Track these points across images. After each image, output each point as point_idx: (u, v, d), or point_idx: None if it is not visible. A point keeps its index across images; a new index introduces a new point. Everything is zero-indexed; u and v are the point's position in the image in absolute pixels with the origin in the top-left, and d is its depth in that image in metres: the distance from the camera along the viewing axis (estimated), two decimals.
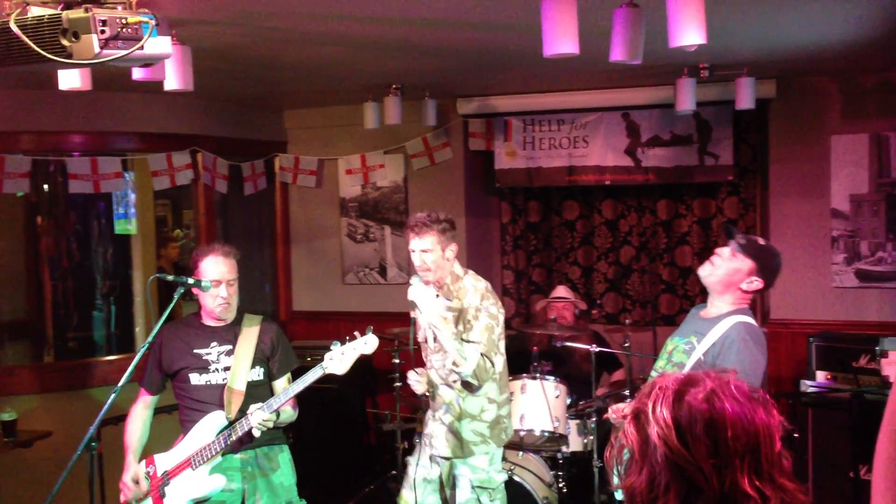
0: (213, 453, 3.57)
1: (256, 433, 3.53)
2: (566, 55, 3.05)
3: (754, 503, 1.38)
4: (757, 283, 3.24)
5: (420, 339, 4.08)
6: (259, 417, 3.51)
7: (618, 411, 3.41)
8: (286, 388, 3.63)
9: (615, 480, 1.51)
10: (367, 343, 3.61)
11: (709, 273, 3.30)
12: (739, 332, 3.16)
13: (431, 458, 3.98)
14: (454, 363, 3.72)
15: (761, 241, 3.38)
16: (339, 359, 3.58)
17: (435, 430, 3.92)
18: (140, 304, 6.24)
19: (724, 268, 3.26)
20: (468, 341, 3.72)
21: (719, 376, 1.47)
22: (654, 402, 1.44)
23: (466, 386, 3.83)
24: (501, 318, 3.86)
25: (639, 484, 1.43)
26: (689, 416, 1.41)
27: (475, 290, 3.82)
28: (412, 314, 4.07)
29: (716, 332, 3.20)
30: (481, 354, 3.69)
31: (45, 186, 6.07)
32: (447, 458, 3.91)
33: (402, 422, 5.48)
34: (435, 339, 3.89)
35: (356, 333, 3.64)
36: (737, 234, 3.33)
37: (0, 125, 5.21)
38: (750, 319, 3.25)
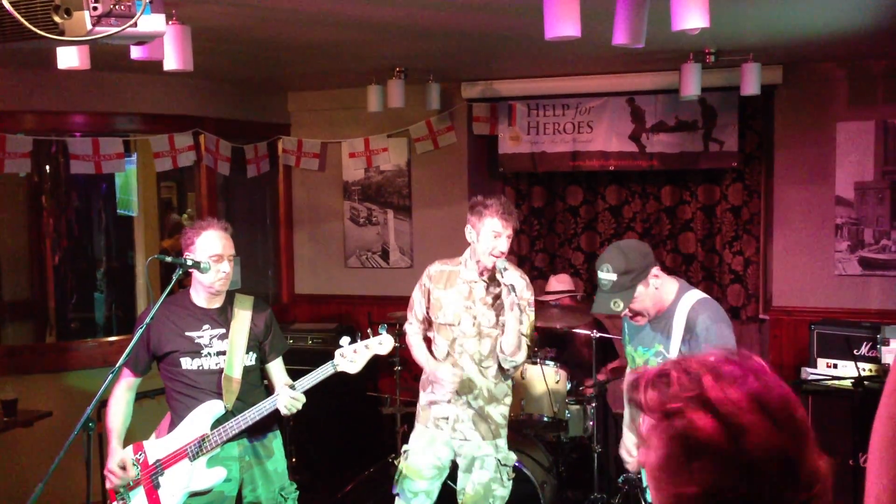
0: (214, 445, 3.49)
1: (284, 411, 3.49)
2: (568, 38, 3.02)
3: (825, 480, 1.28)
4: (652, 272, 3.20)
5: (444, 320, 3.94)
6: (288, 397, 3.47)
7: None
8: (312, 374, 3.54)
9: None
10: (381, 343, 3.57)
11: (647, 320, 3.29)
12: (703, 318, 3.14)
13: (446, 442, 3.98)
14: (503, 350, 3.80)
15: (611, 275, 3.23)
16: (352, 357, 3.53)
17: (460, 415, 3.93)
18: (142, 285, 6.25)
19: (640, 307, 3.23)
20: (523, 333, 3.82)
21: (727, 356, 1.34)
22: (713, 390, 1.25)
23: (503, 372, 3.95)
24: None
25: (726, 482, 1.23)
26: (769, 400, 1.25)
27: (527, 283, 3.89)
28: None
29: (678, 320, 3.19)
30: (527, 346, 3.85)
31: (47, 167, 6.07)
32: (468, 441, 3.93)
33: (402, 405, 5.50)
34: (473, 324, 3.89)
35: (369, 331, 3.60)
36: (605, 303, 3.24)
37: (1, 105, 5.20)
38: (698, 295, 3.25)
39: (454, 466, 4.08)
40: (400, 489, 4.05)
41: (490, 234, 3.78)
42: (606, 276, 3.20)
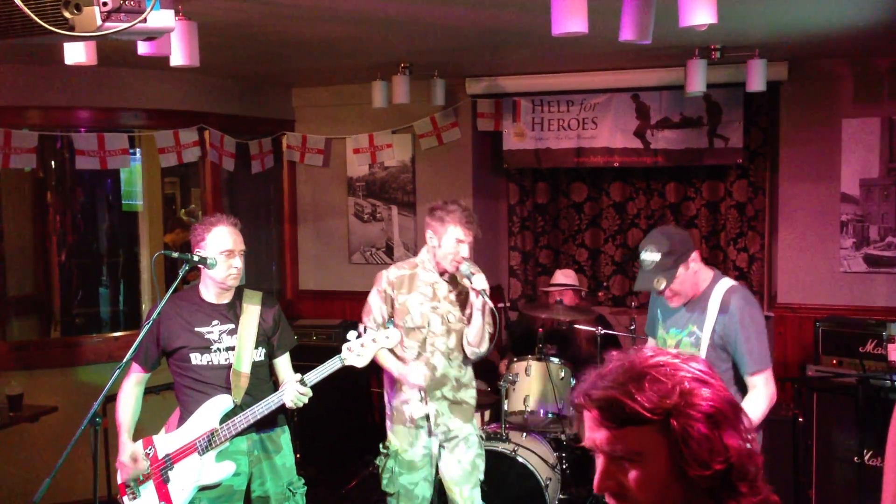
0: (223, 439, 3.50)
1: (290, 405, 3.52)
2: (575, 34, 3.02)
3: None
4: (692, 256, 3.32)
5: (412, 323, 3.98)
6: (295, 391, 3.50)
7: None
8: (320, 367, 3.55)
9: None
10: (388, 337, 3.59)
11: (682, 301, 3.40)
12: (737, 298, 3.28)
13: (431, 434, 4.04)
14: (470, 342, 3.97)
15: (654, 255, 3.34)
16: (359, 351, 3.55)
17: (438, 409, 4.01)
18: (147, 280, 6.25)
19: (679, 287, 3.33)
20: (487, 323, 3.98)
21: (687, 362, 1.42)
22: (688, 398, 1.35)
23: (468, 361, 4.10)
24: None
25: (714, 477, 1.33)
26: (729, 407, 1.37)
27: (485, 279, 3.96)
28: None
29: (712, 305, 3.31)
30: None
31: (52, 163, 6.08)
32: (450, 430, 4.03)
33: None
34: (442, 322, 3.95)
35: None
36: (648, 282, 3.34)
37: (7, 100, 5.20)
38: (732, 282, 3.39)
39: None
40: (397, 488, 4.03)
41: (452, 240, 3.88)
42: (650, 256, 3.33)
